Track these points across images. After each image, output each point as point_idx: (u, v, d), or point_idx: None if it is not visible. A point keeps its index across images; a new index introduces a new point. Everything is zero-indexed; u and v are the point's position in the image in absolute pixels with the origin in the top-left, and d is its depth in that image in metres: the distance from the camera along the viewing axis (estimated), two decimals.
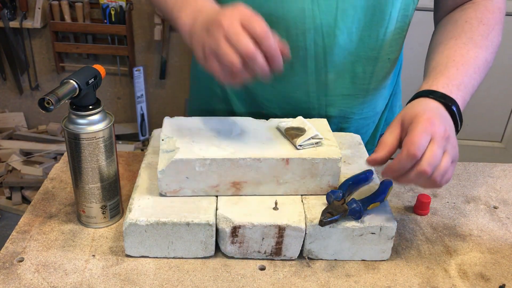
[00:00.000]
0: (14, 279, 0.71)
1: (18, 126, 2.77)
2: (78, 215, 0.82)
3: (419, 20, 2.40)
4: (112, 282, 0.72)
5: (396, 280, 0.74)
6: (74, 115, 0.74)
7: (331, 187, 0.80)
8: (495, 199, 0.94)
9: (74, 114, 0.74)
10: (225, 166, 0.76)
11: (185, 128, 0.84)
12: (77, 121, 0.74)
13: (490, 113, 2.61)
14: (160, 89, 2.73)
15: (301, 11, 0.85)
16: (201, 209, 0.76)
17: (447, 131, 0.70)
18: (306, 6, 0.85)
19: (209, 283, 0.72)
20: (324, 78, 0.93)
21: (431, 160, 0.67)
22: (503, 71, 2.50)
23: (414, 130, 0.68)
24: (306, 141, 0.79)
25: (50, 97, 0.66)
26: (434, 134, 0.68)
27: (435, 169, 0.67)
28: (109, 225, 0.82)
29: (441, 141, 0.68)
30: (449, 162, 0.69)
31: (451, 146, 0.70)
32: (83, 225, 0.81)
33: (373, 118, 1.05)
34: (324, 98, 0.96)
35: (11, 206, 2.38)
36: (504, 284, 0.74)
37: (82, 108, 0.73)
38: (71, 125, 0.74)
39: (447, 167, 0.69)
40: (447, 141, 0.69)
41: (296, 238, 0.75)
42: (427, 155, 0.67)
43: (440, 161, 0.68)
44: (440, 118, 0.71)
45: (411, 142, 0.67)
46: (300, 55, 0.90)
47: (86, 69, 0.74)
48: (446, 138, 0.69)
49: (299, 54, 0.90)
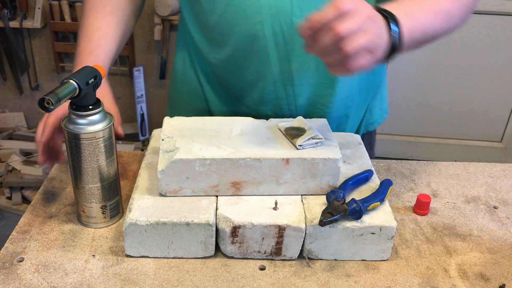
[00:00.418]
0: (14, 279, 0.71)
1: (18, 126, 2.77)
2: (78, 215, 0.82)
3: None
4: (112, 282, 0.72)
5: (396, 280, 0.74)
6: (74, 115, 0.74)
7: (331, 187, 0.80)
8: (495, 199, 0.94)
9: (74, 114, 0.73)
10: (225, 166, 0.76)
11: (185, 128, 0.84)
12: (77, 121, 0.73)
13: (490, 113, 2.61)
14: (160, 89, 2.73)
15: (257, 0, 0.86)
16: (201, 209, 0.76)
17: (376, 18, 0.66)
18: None
19: (209, 283, 0.72)
20: (287, 67, 0.92)
21: (349, 25, 0.62)
22: (503, 71, 2.50)
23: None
24: (306, 141, 0.79)
25: (50, 97, 0.66)
26: (362, 10, 0.64)
27: (349, 39, 0.62)
28: (109, 225, 0.82)
29: (367, 19, 0.64)
30: (365, 43, 0.64)
31: (374, 32, 0.65)
32: (83, 225, 0.81)
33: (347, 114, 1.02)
34: (291, 88, 0.95)
35: (11, 206, 2.38)
36: (504, 284, 0.74)
37: (82, 108, 0.73)
38: (71, 125, 0.74)
39: (363, 46, 0.64)
40: (372, 22, 0.65)
41: (296, 238, 0.75)
42: (347, 20, 0.62)
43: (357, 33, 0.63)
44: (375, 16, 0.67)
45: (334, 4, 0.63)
46: (261, 44, 0.90)
47: (86, 69, 0.74)
48: (372, 20, 0.65)
49: (260, 44, 0.90)
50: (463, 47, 2.44)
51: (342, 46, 0.63)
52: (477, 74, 2.52)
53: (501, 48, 2.45)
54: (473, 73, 2.52)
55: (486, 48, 2.45)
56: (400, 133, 2.73)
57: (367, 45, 0.64)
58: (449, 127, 2.68)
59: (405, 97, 2.62)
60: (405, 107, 2.64)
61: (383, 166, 1.02)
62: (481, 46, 2.44)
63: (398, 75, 2.55)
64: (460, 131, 2.69)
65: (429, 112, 2.64)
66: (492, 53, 2.46)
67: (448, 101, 2.60)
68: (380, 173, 0.99)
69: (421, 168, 1.02)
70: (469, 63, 2.49)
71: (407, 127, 2.70)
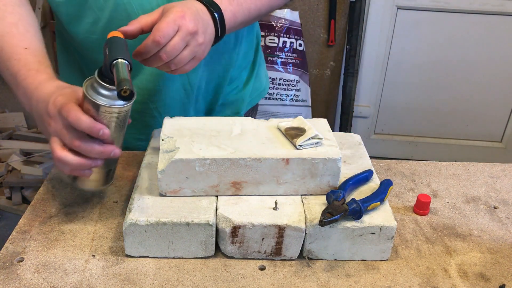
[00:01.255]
0: (14, 279, 0.71)
1: (18, 126, 2.77)
2: (76, 180, 0.79)
3: (415, 20, 2.40)
4: (112, 282, 0.72)
5: (396, 280, 0.74)
6: (92, 79, 0.69)
7: (331, 187, 0.80)
8: (495, 199, 0.94)
9: (92, 78, 0.69)
10: (225, 166, 0.76)
11: (185, 128, 0.84)
12: (104, 92, 0.69)
13: (490, 113, 2.61)
14: None
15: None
16: (201, 209, 0.76)
17: (196, 27, 0.75)
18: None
19: (209, 283, 0.72)
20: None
21: (170, 49, 0.74)
22: (503, 71, 2.50)
23: (164, 18, 0.74)
24: (306, 141, 0.79)
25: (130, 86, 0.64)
26: (182, 27, 0.74)
27: (173, 58, 0.75)
28: (107, 187, 0.83)
29: (186, 35, 0.74)
30: (188, 56, 0.76)
31: (195, 43, 0.76)
32: (82, 189, 0.81)
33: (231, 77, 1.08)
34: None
35: (11, 206, 2.37)
36: (504, 284, 0.74)
37: (100, 75, 0.69)
38: (95, 95, 0.69)
39: (185, 59, 0.76)
40: (192, 36, 0.75)
41: (296, 238, 0.75)
42: (168, 44, 0.73)
43: (179, 52, 0.75)
44: (194, 15, 0.76)
45: (158, 29, 0.73)
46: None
47: (116, 41, 0.70)
48: (192, 34, 0.75)
49: None
50: (463, 47, 2.44)
51: (169, 65, 0.77)
52: (477, 74, 2.52)
53: (501, 48, 2.45)
54: (473, 73, 2.52)
55: (486, 48, 2.45)
56: (400, 133, 2.73)
57: (190, 57, 0.77)
58: (449, 127, 2.68)
59: (405, 97, 2.62)
60: (405, 107, 2.64)
61: (383, 166, 1.02)
62: (481, 46, 2.44)
63: (398, 75, 2.56)
64: (460, 131, 2.69)
65: (429, 112, 2.64)
66: (492, 53, 2.46)
67: (448, 101, 2.60)
68: (380, 173, 0.99)
69: (421, 168, 1.02)
70: (469, 63, 2.49)
71: (407, 127, 2.70)
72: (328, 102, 2.66)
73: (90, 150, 0.70)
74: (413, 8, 2.39)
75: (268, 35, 2.35)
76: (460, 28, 2.40)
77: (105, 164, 0.76)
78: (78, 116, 0.68)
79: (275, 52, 2.35)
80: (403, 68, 2.54)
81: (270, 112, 2.40)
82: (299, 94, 2.41)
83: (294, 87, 2.39)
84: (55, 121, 0.71)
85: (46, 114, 0.72)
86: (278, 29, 2.34)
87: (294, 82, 2.38)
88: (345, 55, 2.49)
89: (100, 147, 0.71)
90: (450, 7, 2.36)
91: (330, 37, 2.47)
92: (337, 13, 2.43)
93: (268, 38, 2.35)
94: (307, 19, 2.46)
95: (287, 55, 2.37)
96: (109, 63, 0.67)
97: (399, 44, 2.48)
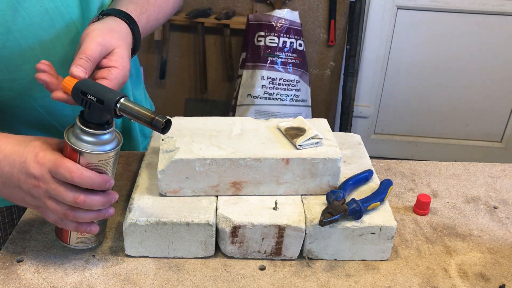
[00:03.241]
0: (14, 279, 0.71)
1: None
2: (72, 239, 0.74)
3: (415, 20, 2.40)
4: (112, 282, 0.72)
5: (396, 280, 0.74)
6: (83, 132, 0.65)
7: (331, 187, 0.80)
8: (495, 199, 0.94)
9: (84, 132, 0.65)
10: (225, 166, 0.76)
11: (185, 128, 0.84)
12: (85, 138, 0.65)
13: (490, 113, 2.61)
14: (160, 89, 2.73)
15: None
16: (201, 209, 0.76)
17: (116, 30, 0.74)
18: None
19: (209, 283, 0.72)
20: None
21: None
22: (503, 71, 2.50)
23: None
24: (306, 141, 0.79)
25: (163, 118, 0.60)
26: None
27: None
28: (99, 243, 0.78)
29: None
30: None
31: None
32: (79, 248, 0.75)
33: None
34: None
35: None
36: (504, 284, 0.74)
37: (95, 126, 0.65)
38: (90, 146, 0.65)
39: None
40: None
41: (296, 238, 0.75)
42: None
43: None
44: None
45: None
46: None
47: (90, 84, 0.65)
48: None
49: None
50: (463, 47, 2.44)
51: None
52: (477, 74, 2.52)
53: (501, 48, 2.45)
54: (473, 73, 2.52)
55: (486, 48, 2.45)
56: (400, 133, 2.73)
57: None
58: (449, 127, 2.68)
59: (405, 97, 2.62)
60: (405, 107, 2.64)
61: (383, 166, 1.02)
62: (481, 46, 2.44)
63: (398, 75, 2.55)
64: (460, 131, 2.69)
65: (429, 112, 2.64)
66: (492, 53, 2.46)
67: (448, 101, 2.60)
68: (380, 173, 0.99)
69: (421, 168, 1.02)
70: (469, 63, 2.49)
71: (407, 127, 2.70)
72: (328, 102, 2.66)
73: (97, 201, 0.66)
74: (413, 8, 2.39)
75: (268, 35, 2.34)
76: (460, 28, 2.40)
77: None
78: (81, 173, 0.63)
79: (275, 52, 2.35)
80: (403, 68, 2.54)
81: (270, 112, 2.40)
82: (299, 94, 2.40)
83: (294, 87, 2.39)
84: (45, 182, 0.64)
85: (26, 177, 0.65)
86: (278, 29, 2.34)
87: (294, 82, 2.38)
88: (345, 55, 2.49)
89: (104, 196, 0.67)
90: (450, 7, 2.36)
91: (330, 37, 2.47)
92: (337, 13, 2.43)
93: (268, 38, 2.35)
94: (307, 19, 2.46)
95: (287, 55, 2.36)
96: (113, 106, 0.61)
97: (399, 44, 2.48)
